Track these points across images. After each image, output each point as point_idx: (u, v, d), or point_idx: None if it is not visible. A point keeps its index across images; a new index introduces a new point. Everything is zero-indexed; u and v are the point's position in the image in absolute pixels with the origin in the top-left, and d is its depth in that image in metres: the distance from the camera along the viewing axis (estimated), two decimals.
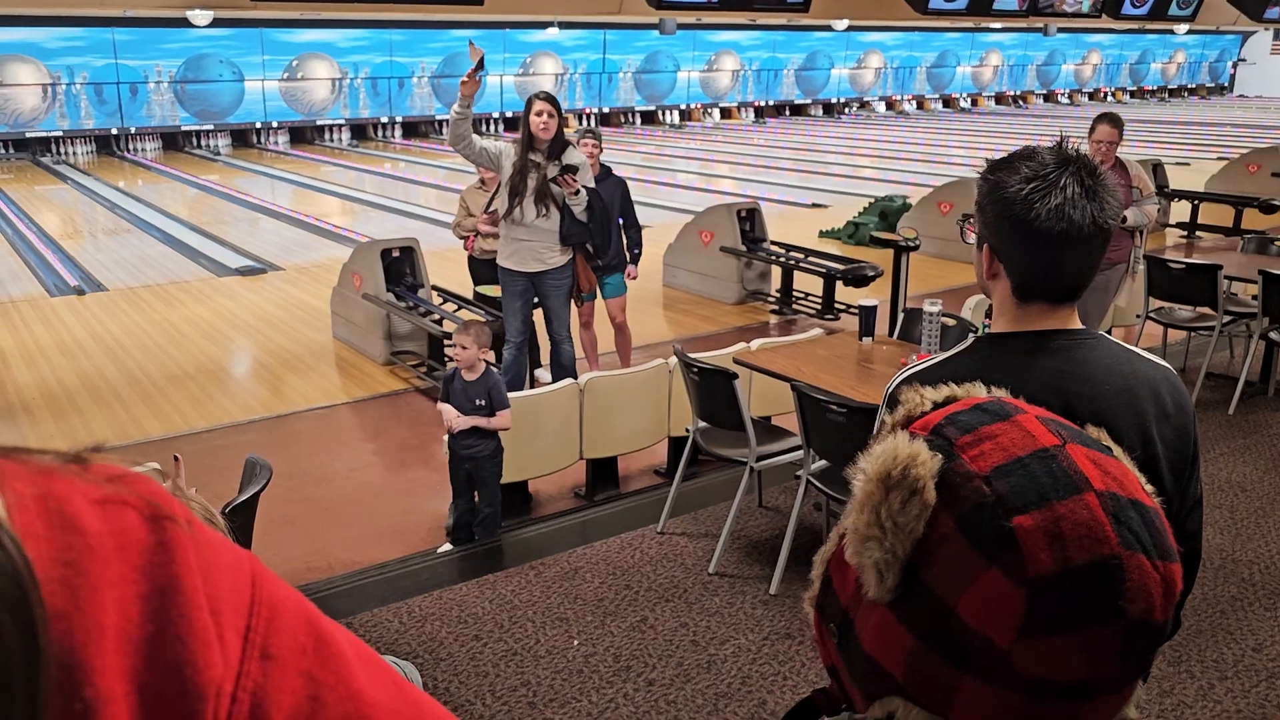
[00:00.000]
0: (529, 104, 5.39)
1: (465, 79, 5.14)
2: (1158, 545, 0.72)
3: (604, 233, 5.63)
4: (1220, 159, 15.27)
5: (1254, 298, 6.14)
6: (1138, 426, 1.56)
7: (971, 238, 1.68)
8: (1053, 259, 1.54)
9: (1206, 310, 6.30)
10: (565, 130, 5.55)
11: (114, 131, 20.63)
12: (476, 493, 4.43)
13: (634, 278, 6.29)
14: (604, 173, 6.18)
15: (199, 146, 21.51)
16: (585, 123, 25.64)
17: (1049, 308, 1.59)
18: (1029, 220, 1.50)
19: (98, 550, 0.47)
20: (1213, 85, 39.14)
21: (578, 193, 5.32)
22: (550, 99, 5.40)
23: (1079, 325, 1.62)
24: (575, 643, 3.70)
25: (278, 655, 0.53)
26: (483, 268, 6.78)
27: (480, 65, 5.13)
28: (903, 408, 0.84)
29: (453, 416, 4.24)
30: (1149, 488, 0.77)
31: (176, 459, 2.61)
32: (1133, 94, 36.78)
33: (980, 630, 0.71)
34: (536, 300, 5.72)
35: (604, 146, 6.32)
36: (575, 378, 5.11)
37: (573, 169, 5.29)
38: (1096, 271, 1.59)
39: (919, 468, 0.73)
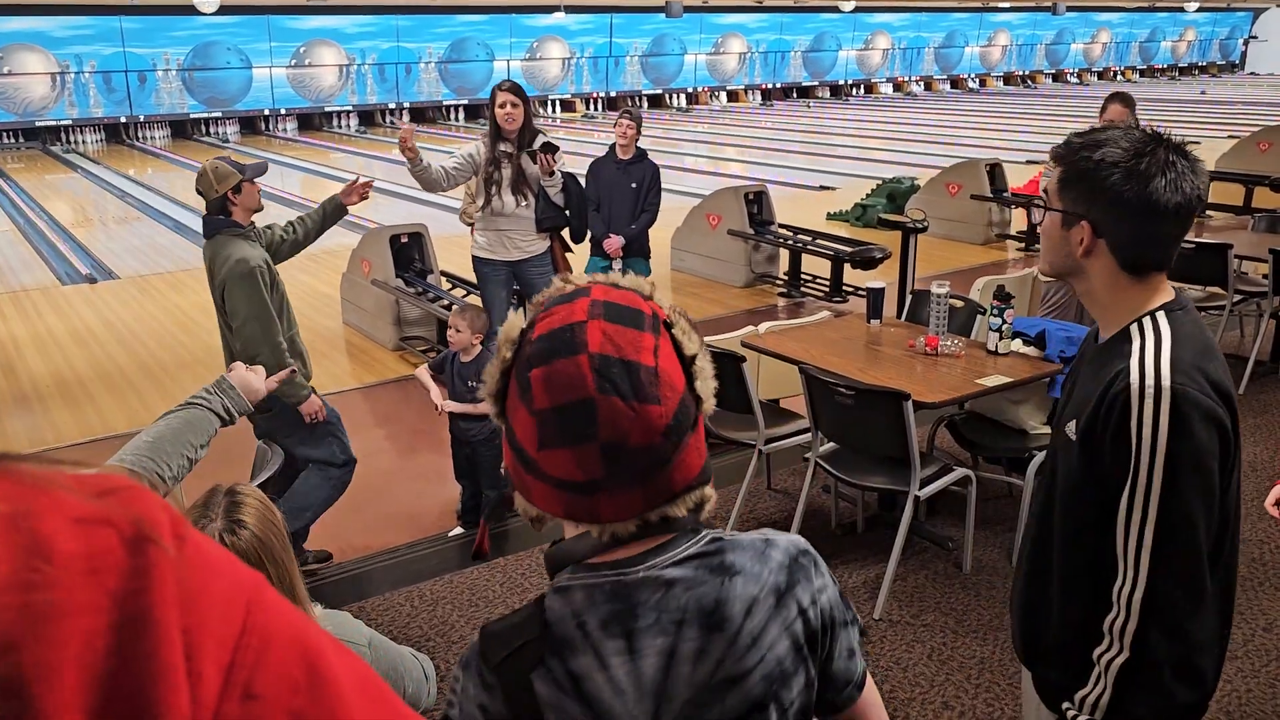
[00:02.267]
0: (493, 95, 5.32)
1: (403, 148, 5.15)
2: (636, 392, 1.00)
3: (580, 215, 5.55)
4: (1231, 137, 15.17)
5: (1264, 277, 6.12)
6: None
7: (1045, 218, 1.66)
8: (1167, 230, 1.57)
9: (1217, 290, 6.28)
10: (575, 113, 5.52)
11: (123, 120, 20.68)
12: (477, 476, 4.45)
13: (615, 251, 6.18)
14: (638, 155, 6.17)
15: (208, 134, 21.55)
16: (591, 106, 25.60)
17: (1161, 275, 1.64)
18: (1147, 194, 1.52)
19: (65, 575, 0.44)
20: (1224, 63, 38.84)
21: (553, 174, 5.24)
22: (514, 89, 5.31)
23: None
24: None
25: (263, 694, 0.50)
26: None
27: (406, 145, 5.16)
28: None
29: (439, 398, 4.26)
30: (659, 356, 1.03)
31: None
32: (1143, 73, 36.52)
33: (523, 446, 1.05)
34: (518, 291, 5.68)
35: (641, 131, 6.26)
36: None
37: (552, 147, 5.21)
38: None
39: (505, 333, 1.07)
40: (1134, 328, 1.61)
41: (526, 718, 1.05)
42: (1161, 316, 1.60)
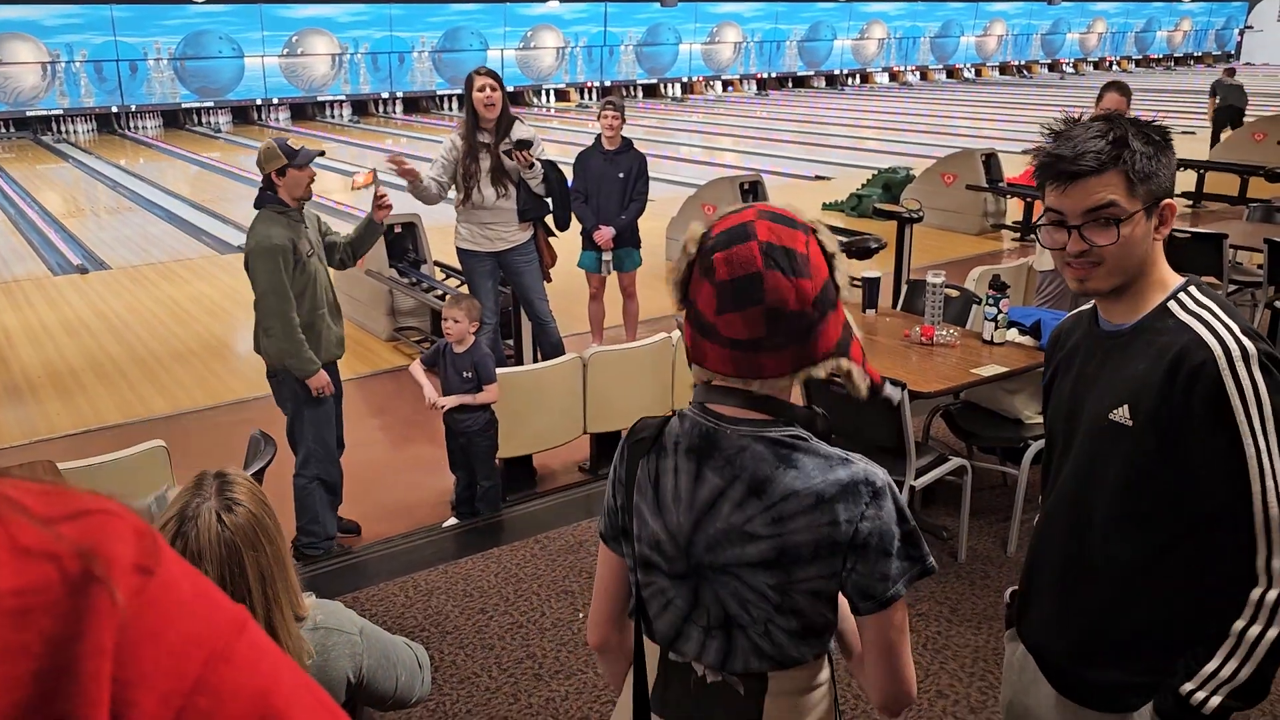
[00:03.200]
0: (470, 81, 5.22)
1: (400, 172, 5.08)
2: (793, 269, 1.32)
3: (563, 205, 5.49)
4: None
5: (1259, 267, 6.12)
6: None
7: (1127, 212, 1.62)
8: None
9: (1212, 279, 6.28)
10: (569, 102, 5.47)
11: (114, 109, 20.59)
12: (471, 467, 4.44)
13: (606, 242, 6.16)
14: (625, 145, 6.14)
15: (200, 124, 21.46)
16: (585, 96, 25.53)
17: None
18: (1172, 168, 1.62)
19: None
20: (1219, 53, 38.83)
21: (532, 166, 5.17)
22: (492, 74, 5.24)
23: None
24: (580, 615, 3.72)
25: None
26: None
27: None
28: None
29: (433, 394, 4.24)
30: (809, 248, 1.35)
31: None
32: (1138, 63, 36.50)
33: (703, 313, 1.36)
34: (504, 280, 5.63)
35: (625, 120, 6.24)
36: (563, 353, 5.09)
37: (525, 144, 5.13)
38: None
39: (691, 234, 1.39)
40: (1173, 304, 1.62)
41: (626, 484, 1.51)
42: (1195, 289, 1.64)
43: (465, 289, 6.62)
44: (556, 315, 5.77)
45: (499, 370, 4.60)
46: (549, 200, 5.42)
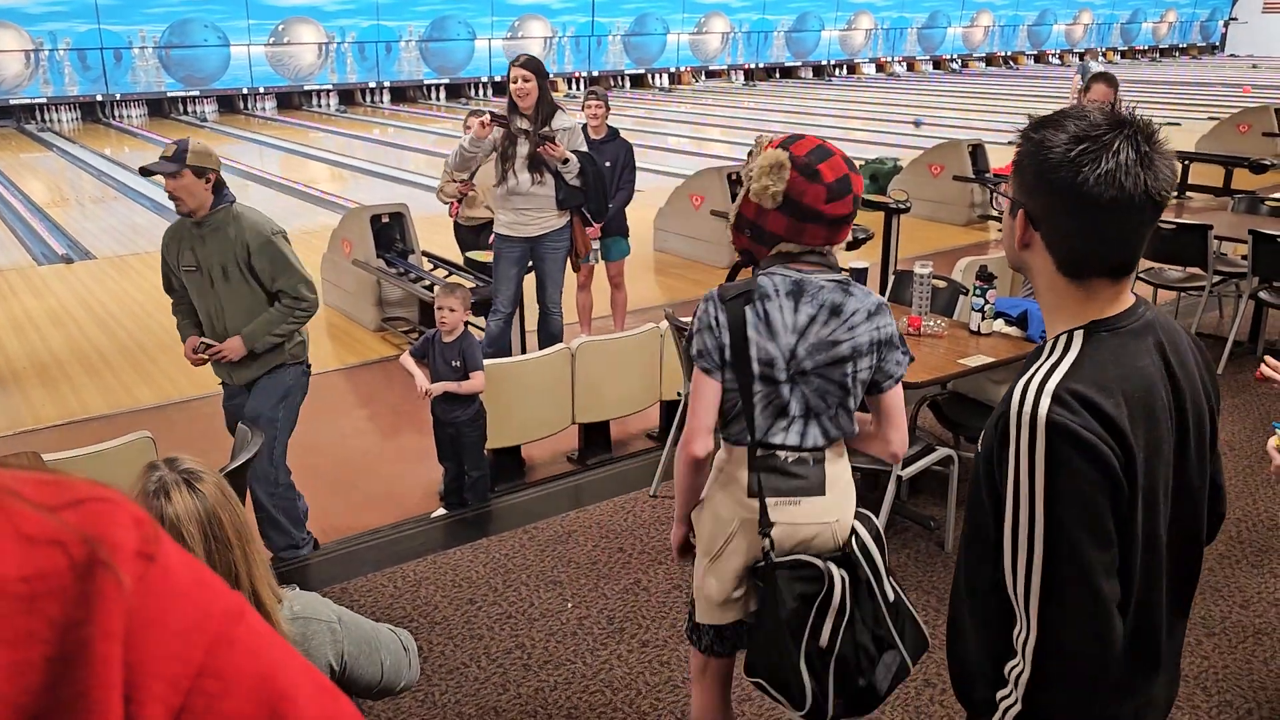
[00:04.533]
0: (509, 70, 5.31)
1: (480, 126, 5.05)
2: (854, 171, 2.17)
3: (600, 196, 5.56)
4: (1211, 119, 15.24)
5: (1243, 257, 6.16)
6: (1212, 378, 1.58)
7: (1003, 205, 1.52)
8: (1099, 231, 1.38)
9: (1196, 270, 6.32)
10: (555, 94, 5.48)
11: (99, 98, 20.42)
12: (460, 457, 4.44)
13: (593, 232, 6.14)
14: (610, 134, 6.14)
15: (185, 112, 21.31)
16: (574, 86, 25.47)
17: (1110, 283, 1.44)
18: (1074, 185, 1.35)
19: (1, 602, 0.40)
20: (1204, 44, 38.95)
21: (565, 160, 5.23)
22: (528, 63, 5.28)
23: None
24: (569, 605, 3.73)
25: None
26: (468, 234, 6.76)
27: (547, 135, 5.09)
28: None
29: (424, 382, 4.23)
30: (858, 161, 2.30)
31: None
32: (1124, 54, 36.60)
33: (813, 205, 2.14)
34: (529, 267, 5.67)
35: (610, 109, 6.24)
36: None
37: (549, 137, 5.16)
38: (1144, 246, 1.44)
39: (775, 158, 2.14)
40: (1049, 344, 1.46)
41: (732, 327, 2.18)
42: (1080, 336, 1.43)
43: (455, 279, 6.62)
44: None
45: (493, 360, 4.60)
46: (588, 191, 5.43)
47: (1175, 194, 11.34)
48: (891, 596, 2.26)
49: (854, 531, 2.29)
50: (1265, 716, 3.11)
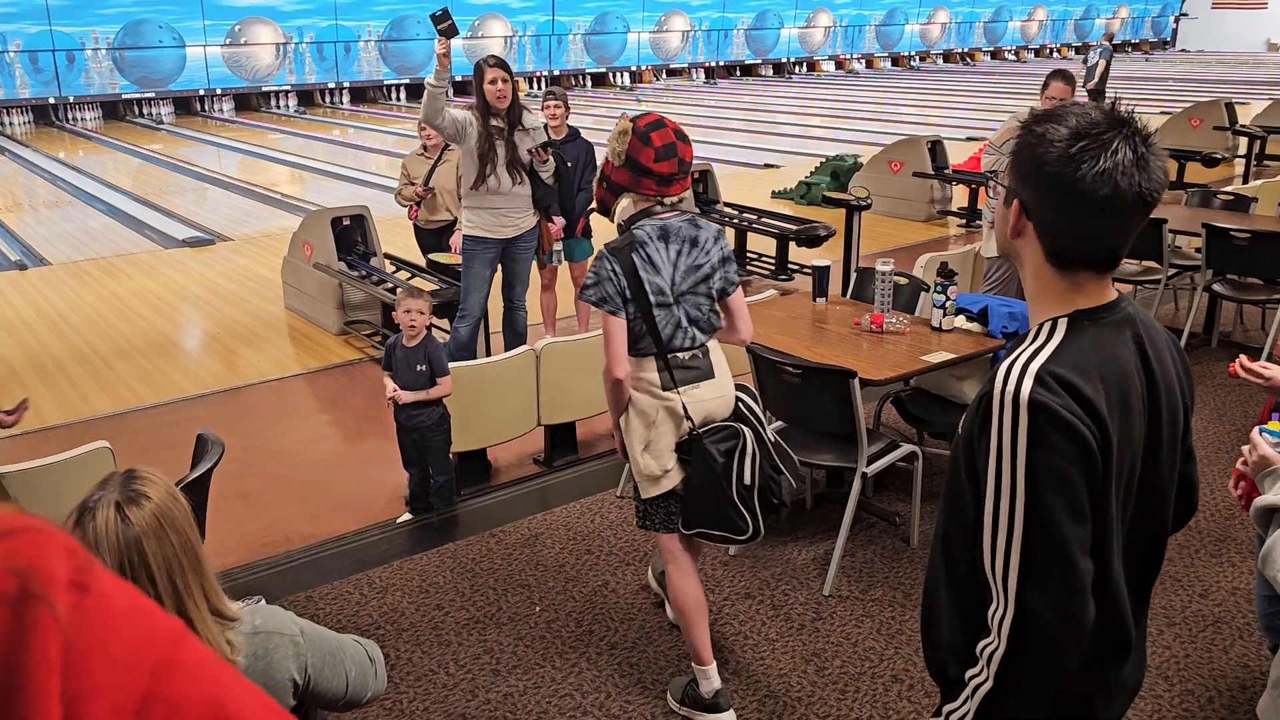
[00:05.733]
0: (480, 71, 5.28)
1: (438, 46, 4.94)
2: (686, 141, 3.01)
3: (569, 193, 5.63)
4: (1164, 114, 15.46)
5: (1197, 250, 6.26)
6: (1188, 377, 1.62)
7: (997, 195, 1.56)
8: (1090, 225, 1.43)
9: (1152, 264, 6.40)
10: (520, 92, 5.51)
11: (51, 101, 20.08)
12: (425, 462, 4.40)
13: (555, 233, 6.11)
14: (571, 135, 6.13)
15: (141, 115, 21.01)
16: (535, 85, 25.38)
17: (1097, 276, 1.49)
18: (1072, 180, 1.39)
19: None
20: (1155, 40, 39.54)
21: (546, 161, 5.33)
22: (502, 64, 5.31)
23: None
24: (537, 609, 3.72)
25: None
26: (428, 236, 6.72)
27: (446, 28, 4.93)
28: None
29: (394, 390, 4.20)
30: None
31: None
32: (1077, 50, 37.05)
33: (644, 163, 2.92)
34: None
35: (569, 109, 6.23)
36: (525, 343, 5.11)
37: (548, 145, 5.31)
38: (1131, 243, 1.49)
39: (621, 125, 3.01)
40: (1034, 330, 1.51)
41: (630, 273, 2.84)
42: (1063, 323, 1.48)
43: (417, 282, 6.58)
44: None
45: (457, 364, 4.58)
46: (559, 189, 5.56)
47: None
48: (772, 439, 3.08)
49: (739, 398, 3.08)
50: (1226, 704, 3.16)
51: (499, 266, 5.62)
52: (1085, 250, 1.47)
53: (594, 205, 5.52)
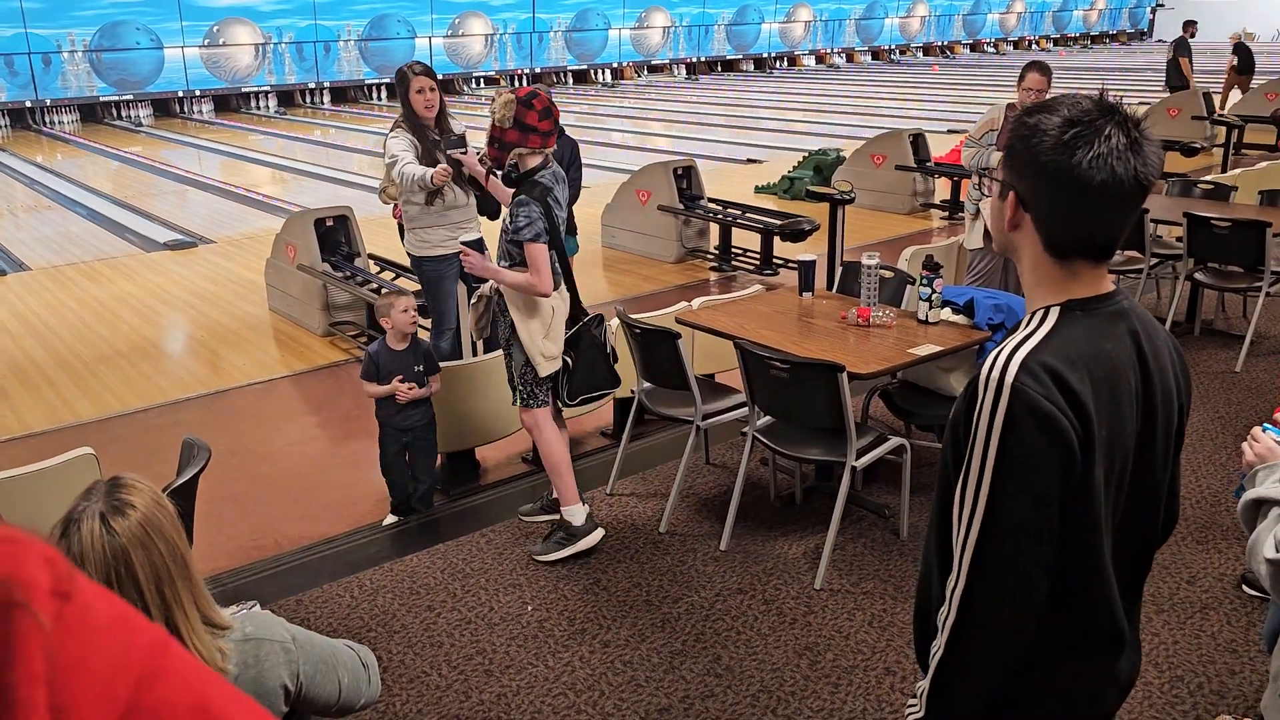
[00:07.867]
0: (405, 81, 5.04)
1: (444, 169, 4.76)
2: (553, 105, 3.94)
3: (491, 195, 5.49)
4: (1142, 104, 15.54)
5: (1178, 239, 6.29)
6: (1185, 377, 1.61)
7: (992, 190, 1.55)
8: (1087, 212, 1.43)
9: (1134, 254, 6.44)
10: (498, 94, 5.39)
11: (28, 104, 19.93)
12: (411, 466, 4.38)
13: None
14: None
15: (119, 117, 20.87)
16: (516, 83, 25.32)
17: (1093, 265, 1.48)
18: (1067, 168, 1.39)
19: None
20: (1133, 30, 39.75)
21: (483, 162, 5.04)
22: (429, 71, 5.08)
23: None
24: (529, 608, 3.71)
25: None
26: None
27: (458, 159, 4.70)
28: None
29: (404, 389, 4.18)
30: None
31: None
32: (1056, 41, 37.22)
33: (530, 123, 3.76)
34: None
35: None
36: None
37: (460, 141, 4.89)
38: (1128, 230, 1.49)
39: (505, 96, 3.84)
40: (1026, 317, 1.51)
41: (547, 213, 3.78)
42: (1055, 311, 1.48)
43: (402, 282, 6.55)
44: None
45: (445, 363, 4.57)
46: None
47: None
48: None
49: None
50: (1215, 689, 3.18)
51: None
52: (1082, 238, 1.46)
53: (502, 170, 5.26)
